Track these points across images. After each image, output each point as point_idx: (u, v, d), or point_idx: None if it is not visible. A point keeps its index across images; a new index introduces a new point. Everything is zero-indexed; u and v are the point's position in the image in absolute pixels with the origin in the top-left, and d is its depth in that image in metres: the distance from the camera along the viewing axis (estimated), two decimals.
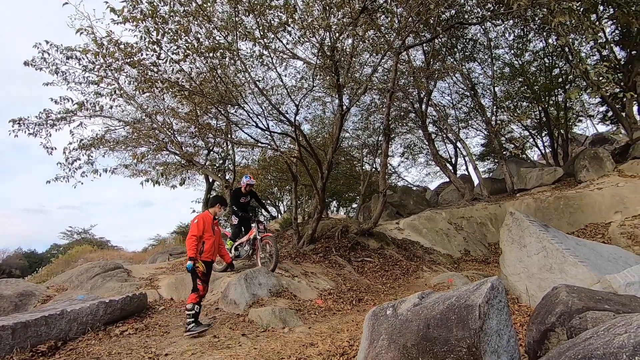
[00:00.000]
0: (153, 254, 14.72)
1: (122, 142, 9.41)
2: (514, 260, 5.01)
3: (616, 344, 1.28)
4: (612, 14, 11.48)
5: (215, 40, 6.60)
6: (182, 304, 5.89)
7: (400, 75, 11.39)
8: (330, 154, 8.58)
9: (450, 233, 10.19)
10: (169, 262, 9.74)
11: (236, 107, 7.89)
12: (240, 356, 3.55)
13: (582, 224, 9.19)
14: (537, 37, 13.47)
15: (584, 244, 5.12)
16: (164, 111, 9.55)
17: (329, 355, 3.37)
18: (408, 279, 7.23)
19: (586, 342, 1.46)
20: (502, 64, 14.59)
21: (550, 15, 6.38)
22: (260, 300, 5.25)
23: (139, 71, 6.69)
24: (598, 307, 2.42)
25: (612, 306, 2.40)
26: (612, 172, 10.51)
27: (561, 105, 14.77)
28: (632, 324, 1.36)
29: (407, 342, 2.40)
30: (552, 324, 2.53)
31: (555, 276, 4.30)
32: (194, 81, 7.01)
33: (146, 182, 8.84)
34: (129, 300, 4.99)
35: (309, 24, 7.13)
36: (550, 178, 11.88)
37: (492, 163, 19.69)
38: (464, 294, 2.42)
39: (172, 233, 21.55)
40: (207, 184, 11.81)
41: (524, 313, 4.16)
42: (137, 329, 4.59)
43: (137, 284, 6.55)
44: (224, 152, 11.46)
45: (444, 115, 15.69)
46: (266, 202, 22.14)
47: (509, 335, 2.35)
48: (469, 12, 9.72)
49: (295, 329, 4.52)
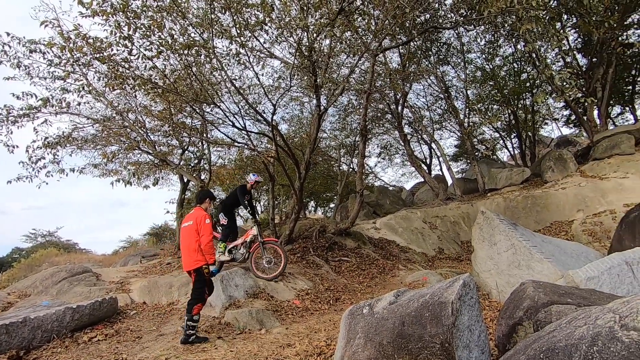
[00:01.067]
0: (124, 256, 14.21)
1: (91, 141, 9.02)
2: (484, 258, 5.19)
3: (577, 335, 1.36)
4: (575, 23, 12.14)
5: (190, 37, 6.45)
6: (155, 307, 5.73)
7: (376, 76, 11.55)
8: (308, 154, 8.58)
9: (425, 232, 10.43)
10: (141, 264, 9.44)
11: (212, 106, 7.75)
12: (216, 359, 3.49)
13: (547, 222, 9.65)
14: (507, 43, 14.05)
15: (549, 241, 5.37)
16: (136, 109, 9.23)
17: (306, 356, 3.37)
18: (384, 277, 7.34)
19: (550, 335, 1.54)
20: (474, 67, 15.11)
21: (518, 22, 6.67)
22: (236, 302, 5.18)
23: (109, 67, 6.43)
24: (562, 300, 2.55)
25: (574, 300, 2.53)
26: (575, 172, 11.10)
27: (529, 108, 15.47)
28: (591, 316, 1.45)
29: (383, 340, 2.45)
30: (520, 318, 2.65)
31: (523, 272, 4.49)
32: (168, 78, 6.82)
33: (117, 182, 8.50)
34: (98, 305, 4.80)
35: (286, 24, 7.10)
36: (518, 178, 12.39)
37: (465, 164, 20.35)
38: (438, 291, 2.49)
39: (145, 235, 20.90)
40: (181, 184, 11.52)
41: (494, 308, 4.32)
42: (107, 334, 4.43)
43: (107, 288, 6.31)
44: (199, 152, 11.21)
45: (419, 117, 16.05)
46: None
47: (479, 330, 2.44)
48: (443, 17, 9.99)
49: (273, 330, 4.49)
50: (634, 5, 11.15)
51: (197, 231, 4.12)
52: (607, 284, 3.31)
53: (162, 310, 5.60)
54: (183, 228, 4.27)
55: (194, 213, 4.30)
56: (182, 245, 4.21)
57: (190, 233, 4.14)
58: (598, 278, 3.36)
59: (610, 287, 3.27)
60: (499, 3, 5.89)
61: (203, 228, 4.12)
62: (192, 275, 4.13)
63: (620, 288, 3.29)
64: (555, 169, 11.45)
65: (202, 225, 4.13)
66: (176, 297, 6.03)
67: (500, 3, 5.85)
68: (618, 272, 3.39)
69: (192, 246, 4.09)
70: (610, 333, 1.25)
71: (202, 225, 4.13)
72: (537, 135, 17.14)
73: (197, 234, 4.11)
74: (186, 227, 4.22)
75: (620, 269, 3.41)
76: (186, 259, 4.15)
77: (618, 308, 1.36)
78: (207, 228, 4.14)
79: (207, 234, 4.11)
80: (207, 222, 4.16)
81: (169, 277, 6.87)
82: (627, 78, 14.48)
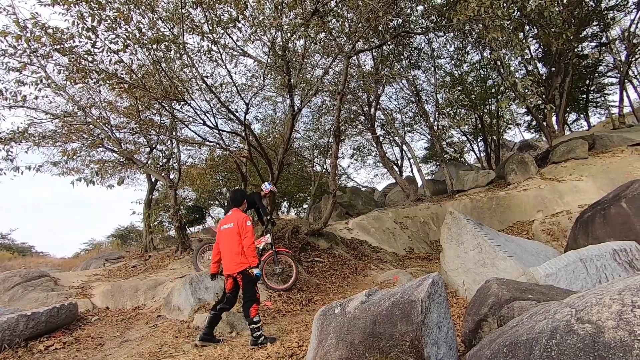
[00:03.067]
0: (86, 259, 13.48)
1: (50, 137, 8.49)
2: (452, 257, 5.37)
3: (537, 329, 1.43)
4: (536, 34, 12.84)
5: (159, 31, 6.23)
6: (120, 312, 5.47)
7: (350, 78, 11.68)
8: (281, 154, 8.52)
9: (396, 232, 10.65)
10: (104, 268, 8.99)
11: (182, 103, 7.52)
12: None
13: (510, 222, 10.13)
14: (474, 50, 14.65)
15: (512, 240, 5.64)
16: (100, 104, 8.80)
17: (277, 357, 3.33)
18: (356, 277, 7.41)
19: (513, 330, 1.61)
20: (443, 73, 15.62)
21: (485, 30, 6.97)
22: (206, 305, 5.05)
23: (70, 59, 6.09)
24: (523, 297, 2.68)
25: (535, 295, 2.67)
26: (535, 175, 11.72)
27: (494, 113, 16.19)
28: (550, 311, 1.53)
29: (354, 340, 2.46)
30: (485, 314, 2.75)
31: (488, 270, 4.68)
32: (135, 74, 6.55)
33: (78, 181, 8.03)
34: (56, 311, 4.52)
35: (260, 22, 7.02)
36: (484, 180, 12.93)
37: (435, 165, 20.99)
38: (408, 290, 2.54)
39: (109, 237, 19.93)
40: (149, 184, 11.08)
41: (462, 305, 4.47)
42: (66, 342, 4.18)
43: (66, 293, 5.95)
44: (168, 150, 10.84)
45: (392, 119, 16.39)
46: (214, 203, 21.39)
47: (447, 327, 2.51)
48: (415, 22, 10.27)
49: (244, 332, 4.41)
50: (588, 20, 11.97)
51: (238, 233, 4.01)
52: (564, 280, 3.52)
53: (126, 316, 5.36)
54: (223, 230, 4.11)
55: (233, 215, 4.17)
56: (224, 248, 4.06)
57: (232, 236, 4.02)
58: (556, 275, 3.56)
59: (567, 283, 3.48)
60: (467, 11, 6.13)
61: (245, 230, 4.02)
62: (238, 279, 3.97)
63: (575, 284, 3.51)
64: (517, 172, 12.04)
65: (243, 227, 4.02)
66: (142, 301, 5.80)
67: (468, 11, 6.08)
68: (573, 269, 3.61)
69: (235, 249, 3.97)
70: (567, 326, 1.32)
71: (244, 227, 4.03)
72: (501, 139, 17.98)
73: (239, 236, 4.00)
74: (227, 230, 4.09)
75: (576, 266, 3.64)
76: (229, 263, 4.00)
77: (574, 302, 1.44)
78: (250, 230, 4.03)
79: (250, 235, 4.01)
80: (249, 224, 4.06)
81: (134, 280, 6.59)
82: (581, 87, 15.52)
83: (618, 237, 4.45)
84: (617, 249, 3.82)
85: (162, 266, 7.81)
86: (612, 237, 4.60)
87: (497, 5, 6.02)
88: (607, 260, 3.70)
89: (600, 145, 11.83)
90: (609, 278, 3.60)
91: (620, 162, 10.28)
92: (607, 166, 10.25)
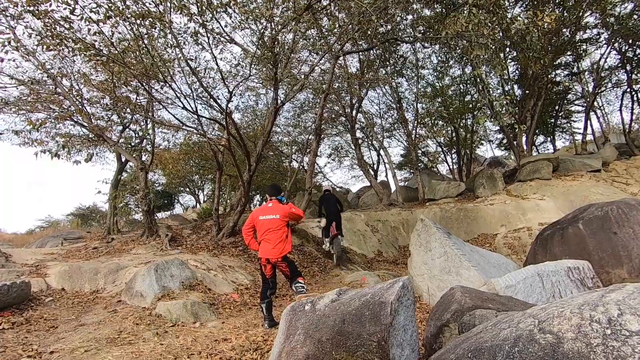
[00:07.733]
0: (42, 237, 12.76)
1: (14, 104, 7.96)
2: (420, 263, 5.52)
3: (501, 337, 1.50)
4: (515, 56, 13.43)
5: (145, 6, 5.98)
6: (77, 295, 5.23)
7: (335, 78, 11.72)
8: (260, 146, 8.43)
9: (367, 234, 10.81)
10: (62, 247, 8.54)
11: (162, 83, 7.25)
12: (144, 353, 3.28)
13: (476, 234, 10.55)
14: (457, 65, 15.11)
15: (476, 250, 5.87)
16: (72, 76, 8.33)
17: (242, 351, 3.31)
18: (325, 276, 7.47)
19: (477, 336, 1.69)
20: (425, 83, 16.02)
21: (470, 47, 7.21)
22: (170, 293, 4.92)
23: (44, 24, 5.72)
24: (484, 305, 2.81)
25: (495, 305, 2.80)
26: (502, 191, 12.28)
27: (469, 128, 16.80)
28: (514, 320, 1.61)
29: (322, 337, 2.49)
30: (447, 320, 2.86)
31: (453, 278, 4.86)
32: (115, 47, 6.25)
33: (42, 153, 7.56)
34: (7, 289, 4.25)
35: (251, 10, 6.89)
36: (454, 191, 13.38)
37: (409, 173, 21.47)
38: (379, 291, 2.60)
39: (69, 215, 18.93)
40: (118, 164, 10.60)
41: (424, 310, 4.62)
42: (15, 322, 3.94)
43: (18, 270, 5.61)
44: (142, 131, 10.43)
45: (372, 123, 16.62)
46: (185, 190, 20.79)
47: (412, 330, 2.59)
48: (403, 30, 10.45)
49: (208, 323, 4.34)
50: (563, 49, 12.66)
51: (284, 222, 4.34)
52: (521, 292, 3.71)
53: (84, 299, 5.13)
54: (266, 220, 4.32)
55: (275, 206, 4.42)
56: (268, 236, 4.27)
57: (277, 224, 4.29)
58: (515, 287, 3.74)
59: (524, 295, 3.67)
60: (456, 26, 6.31)
61: (296, 210, 4.48)
62: (279, 263, 4.26)
63: (532, 296, 3.71)
64: (486, 186, 12.56)
65: (291, 210, 4.42)
66: (102, 285, 5.56)
67: (457, 26, 6.27)
68: (531, 282, 3.82)
69: (281, 237, 4.27)
70: (530, 335, 1.40)
71: (293, 210, 4.44)
72: (473, 154, 18.67)
73: (285, 225, 4.33)
74: (271, 220, 4.32)
75: (533, 280, 3.84)
76: (272, 250, 4.23)
77: (537, 313, 1.53)
78: (300, 210, 4.58)
79: (300, 211, 4.58)
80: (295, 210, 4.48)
81: (95, 262, 6.31)
82: (551, 112, 16.39)
83: (573, 256, 4.74)
84: (571, 266, 4.08)
85: (126, 250, 7.52)
86: (567, 255, 4.90)
87: (484, 24, 6.24)
88: (562, 277, 3.94)
89: (563, 169, 12.56)
90: (562, 293, 3.84)
91: (579, 185, 10.95)
92: (567, 188, 10.90)
